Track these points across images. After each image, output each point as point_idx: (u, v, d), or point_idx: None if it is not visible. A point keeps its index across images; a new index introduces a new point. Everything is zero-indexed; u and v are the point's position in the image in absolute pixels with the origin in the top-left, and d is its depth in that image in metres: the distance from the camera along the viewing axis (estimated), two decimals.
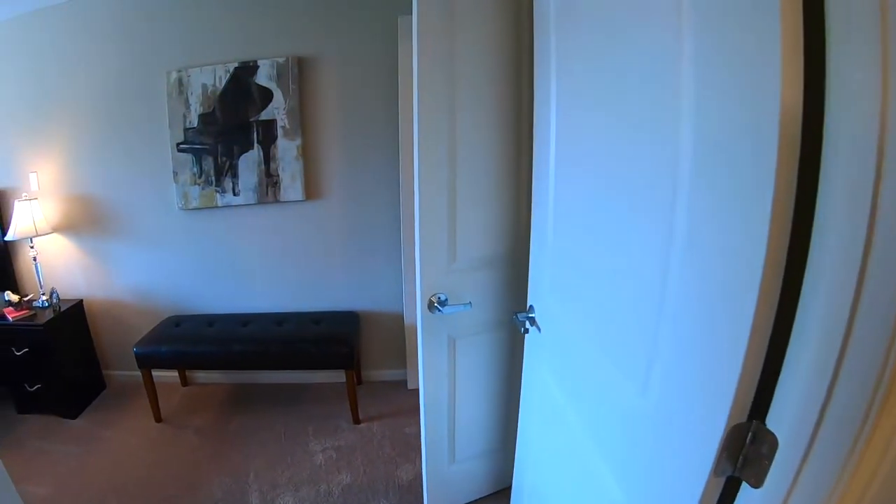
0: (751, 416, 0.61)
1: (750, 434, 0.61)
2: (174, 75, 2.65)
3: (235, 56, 2.60)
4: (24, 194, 2.89)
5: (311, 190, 2.75)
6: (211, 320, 2.82)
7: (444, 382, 1.73)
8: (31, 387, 2.77)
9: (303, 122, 2.64)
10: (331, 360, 2.48)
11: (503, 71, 1.50)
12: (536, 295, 1.39)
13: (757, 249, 0.56)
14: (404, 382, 2.91)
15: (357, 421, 2.57)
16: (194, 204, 2.81)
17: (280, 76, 2.57)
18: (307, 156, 2.69)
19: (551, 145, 1.19)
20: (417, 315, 1.60)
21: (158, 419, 2.70)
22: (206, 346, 2.56)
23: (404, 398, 2.81)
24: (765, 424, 0.60)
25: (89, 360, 3.08)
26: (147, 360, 2.60)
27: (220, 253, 2.93)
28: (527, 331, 1.41)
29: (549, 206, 1.22)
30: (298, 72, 2.57)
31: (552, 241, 1.23)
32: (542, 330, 1.33)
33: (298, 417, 2.66)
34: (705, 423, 0.65)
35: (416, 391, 2.76)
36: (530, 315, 1.39)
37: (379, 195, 2.73)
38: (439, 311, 1.57)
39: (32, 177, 3.01)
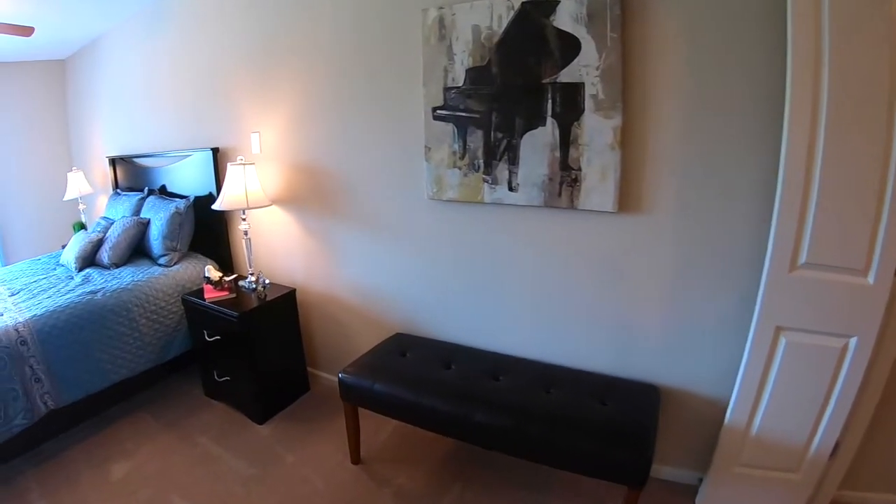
0: None
1: None
2: (433, 14, 1.94)
3: None
4: (239, 157, 2.44)
5: (627, 198, 1.78)
6: (449, 356, 2.10)
7: None
8: (218, 377, 2.50)
9: (625, 91, 1.68)
10: (614, 472, 1.55)
11: None
12: None
13: None
14: (693, 491, 1.91)
15: None
16: (450, 194, 2.09)
17: (592, 18, 1.66)
18: (627, 145, 1.74)
19: None
20: None
21: (356, 461, 2.14)
22: (437, 401, 1.81)
23: None
24: None
25: (294, 358, 2.67)
26: (353, 395, 2.00)
27: (477, 265, 2.17)
28: None
29: None
30: (622, 12, 1.62)
31: None
32: None
33: None
34: None
35: None
36: None
37: (736, 224, 1.65)
38: None
39: (254, 137, 2.57)
